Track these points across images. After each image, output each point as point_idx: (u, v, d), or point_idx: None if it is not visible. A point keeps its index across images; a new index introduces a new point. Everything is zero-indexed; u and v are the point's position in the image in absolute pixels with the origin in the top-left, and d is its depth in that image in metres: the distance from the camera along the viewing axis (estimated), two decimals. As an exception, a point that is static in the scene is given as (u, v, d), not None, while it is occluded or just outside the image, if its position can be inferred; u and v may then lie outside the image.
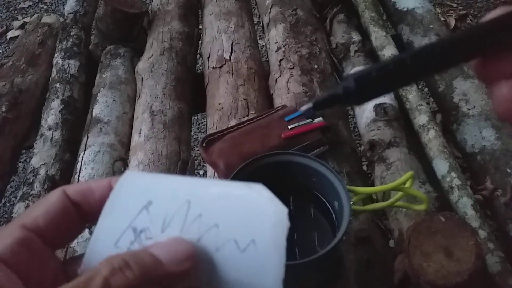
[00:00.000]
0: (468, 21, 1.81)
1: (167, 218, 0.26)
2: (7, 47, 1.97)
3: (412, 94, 0.73)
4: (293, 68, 0.80)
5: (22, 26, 1.98)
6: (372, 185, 0.68)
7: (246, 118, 0.71)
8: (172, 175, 0.28)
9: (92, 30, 1.04)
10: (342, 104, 0.60)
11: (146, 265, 0.24)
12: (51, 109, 0.85)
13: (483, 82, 0.28)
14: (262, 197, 0.27)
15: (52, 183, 0.75)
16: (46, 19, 1.07)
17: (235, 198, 0.27)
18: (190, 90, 0.88)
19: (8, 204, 1.44)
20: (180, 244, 0.26)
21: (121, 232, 0.26)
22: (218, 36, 0.90)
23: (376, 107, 0.73)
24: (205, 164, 0.78)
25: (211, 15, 0.96)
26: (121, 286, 0.22)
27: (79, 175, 0.73)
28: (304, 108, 0.30)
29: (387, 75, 0.26)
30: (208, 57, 0.89)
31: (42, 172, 0.76)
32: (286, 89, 0.77)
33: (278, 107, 0.71)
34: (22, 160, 1.48)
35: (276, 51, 0.86)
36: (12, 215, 0.72)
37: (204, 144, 0.64)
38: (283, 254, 0.25)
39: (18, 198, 0.74)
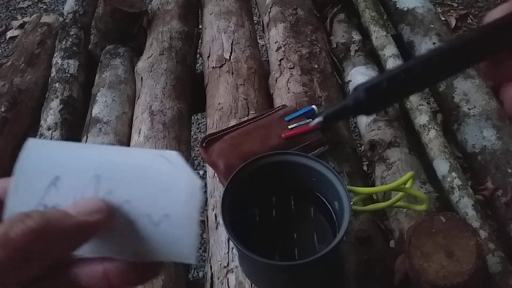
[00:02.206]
0: (468, 21, 1.81)
1: (77, 194, 0.26)
2: (6, 47, 1.97)
3: (412, 94, 0.73)
4: (293, 67, 0.80)
5: (21, 26, 1.98)
6: (373, 185, 0.68)
7: (246, 118, 0.71)
8: (79, 143, 0.27)
9: (91, 29, 1.04)
10: (353, 116, 0.60)
11: (51, 214, 0.23)
12: (50, 109, 0.85)
13: (492, 82, 0.28)
14: (176, 167, 0.26)
15: (51, 183, 0.75)
16: (46, 18, 1.06)
17: (147, 170, 0.27)
18: (190, 90, 0.87)
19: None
20: (89, 199, 0.25)
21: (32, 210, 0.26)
22: (218, 36, 0.90)
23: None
24: (205, 164, 0.78)
25: (211, 14, 0.96)
26: (21, 233, 0.21)
27: (78, 175, 0.73)
28: (315, 122, 0.30)
29: (398, 84, 0.26)
30: (208, 56, 0.88)
31: (41, 172, 0.75)
32: (286, 88, 0.77)
33: (278, 107, 0.71)
34: (21, 160, 1.48)
35: (276, 51, 0.86)
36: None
37: (204, 144, 0.64)
38: (196, 226, 0.26)
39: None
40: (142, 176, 0.26)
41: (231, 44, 0.87)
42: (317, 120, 0.29)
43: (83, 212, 0.24)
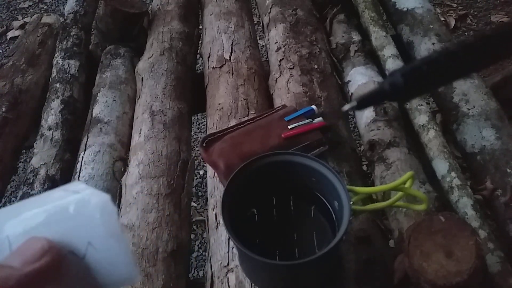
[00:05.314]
0: (468, 21, 1.81)
1: None
2: (7, 47, 1.97)
3: (412, 94, 0.73)
4: (293, 68, 0.80)
5: (22, 26, 1.98)
6: (372, 185, 0.68)
7: (246, 118, 0.71)
8: None
9: (92, 30, 1.04)
10: (388, 101, 0.56)
11: None
12: (51, 109, 0.86)
13: None
14: (81, 194, 0.26)
15: (52, 183, 0.75)
16: (46, 19, 1.07)
17: (55, 211, 0.26)
18: (190, 90, 0.88)
19: (8, 204, 1.44)
20: (33, 243, 0.24)
21: None
22: (218, 36, 0.90)
23: (376, 107, 0.73)
24: (205, 164, 0.78)
25: (211, 15, 0.96)
26: None
27: (79, 175, 0.73)
28: (347, 106, 0.28)
29: (439, 69, 0.24)
30: (208, 57, 0.89)
31: (42, 172, 0.76)
32: (286, 89, 0.77)
33: (278, 107, 0.71)
34: (22, 160, 1.48)
35: (276, 51, 0.86)
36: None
37: (204, 144, 0.64)
38: (123, 239, 0.25)
39: (18, 198, 0.74)
40: (52, 219, 0.26)
41: (231, 44, 0.88)
42: (350, 104, 0.28)
43: (28, 260, 0.23)
